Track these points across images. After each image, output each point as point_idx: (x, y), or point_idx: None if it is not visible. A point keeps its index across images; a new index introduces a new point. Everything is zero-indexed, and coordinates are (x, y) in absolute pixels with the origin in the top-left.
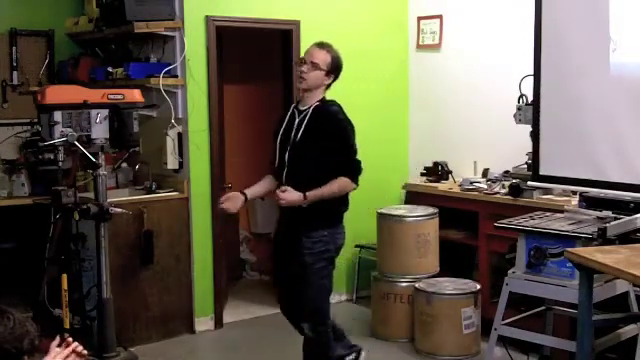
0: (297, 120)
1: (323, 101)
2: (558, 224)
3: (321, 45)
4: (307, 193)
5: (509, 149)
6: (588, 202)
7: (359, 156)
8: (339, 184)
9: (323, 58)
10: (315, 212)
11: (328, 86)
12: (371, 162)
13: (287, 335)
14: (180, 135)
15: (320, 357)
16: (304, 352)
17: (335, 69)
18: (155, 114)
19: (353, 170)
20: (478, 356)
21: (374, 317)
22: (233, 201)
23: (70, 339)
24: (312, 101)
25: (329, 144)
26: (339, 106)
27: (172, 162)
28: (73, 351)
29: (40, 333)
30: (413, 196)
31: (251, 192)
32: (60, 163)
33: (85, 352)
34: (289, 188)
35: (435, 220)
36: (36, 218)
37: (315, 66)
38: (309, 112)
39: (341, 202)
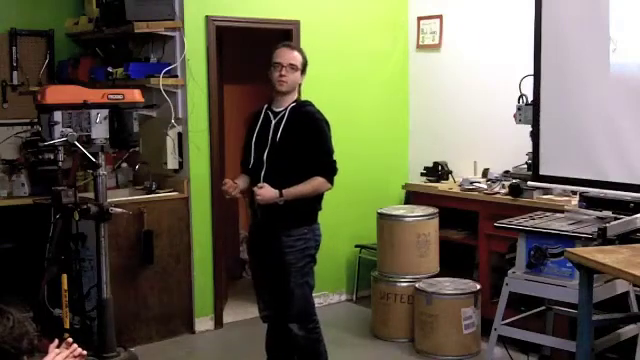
0: (274, 121)
1: (298, 101)
2: (558, 224)
3: (290, 46)
4: (283, 191)
5: (509, 149)
6: (588, 202)
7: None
8: (313, 184)
9: (298, 59)
10: (294, 210)
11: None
12: (371, 162)
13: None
14: (180, 135)
15: (313, 354)
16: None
17: (305, 67)
18: (155, 114)
19: (329, 170)
20: (478, 356)
21: (374, 317)
22: (232, 186)
23: (70, 339)
24: (288, 102)
25: (307, 144)
26: (314, 106)
27: (172, 162)
28: (71, 354)
29: (40, 333)
30: (413, 196)
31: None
32: (60, 163)
33: (84, 353)
34: (266, 185)
35: (435, 220)
36: (36, 218)
37: (293, 67)
38: (286, 113)
39: (318, 200)
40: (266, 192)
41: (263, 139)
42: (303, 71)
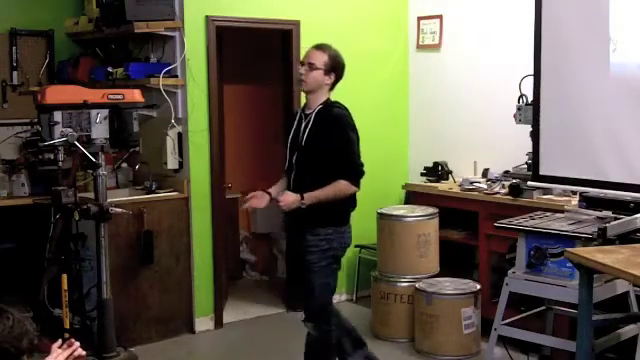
0: (303, 123)
1: (326, 103)
2: (558, 224)
3: (318, 46)
4: (305, 195)
5: (509, 149)
6: (588, 202)
7: (362, 158)
8: (335, 188)
9: (320, 58)
10: (320, 210)
11: (332, 87)
12: (371, 162)
13: (287, 335)
14: (180, 135)
15: (320, 357)
16: (306, 351)
17: (334, 68)
18: (155, 114)
19: (353, 174)
20: (478, 356)
21: (374, 317)
22: (259, 199)
23: (72, 340)
24: (316, 104)
25: (331, 146)
26: (343, 107)
27: (172, 162)
28: (71, 355)
29: (40, 333)
30: (413, 196)
31: (274, 191)
32: (60, 163)
33: (83, 354)
34: (287, 192)
35: (435, 220)
36: (36, 218)
37: (312, 67)
38: (312, 115)
39: (349, 201)
40: (287, 198)
41: (294, 141)
42: (329, 72)
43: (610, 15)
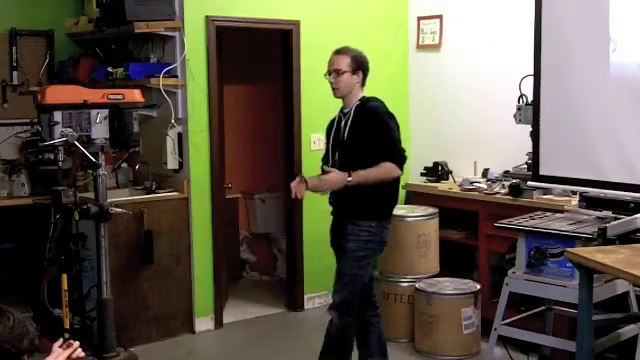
0: (343, 121)
1: (363, 99)
2: (558, 224)
3: (338, 51)
4: (352, 173)
5: (509, 149)
6: (588, 202)
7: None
8: (384, 168)
9: (343, 62)
10: (365, 202)
11: (363, 83)
12: None
13: (287, 335)
14: (180, 135)
15: (339, 348)
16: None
17: (359, 65)
18: (155, 114)
19: (397, 158)
20: (478, 356)
21: None
22: (300, 189)
23: (71, 340)
24: (352, 102)
25: (373, 138)
26: (379, 101)
27: (172, 162)
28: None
29: (40, 333)
30: (413, 196)
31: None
32: (60, 163)
33: (82, 355)
34: (334, 169)
35: (435, 220)
36: (36, 218)
37: (339, 72)
38: (351, 112)
39: (392, 195)
40: (333, 175)
41: (336, 140)
42: (356, 70)
43: (610, 15)
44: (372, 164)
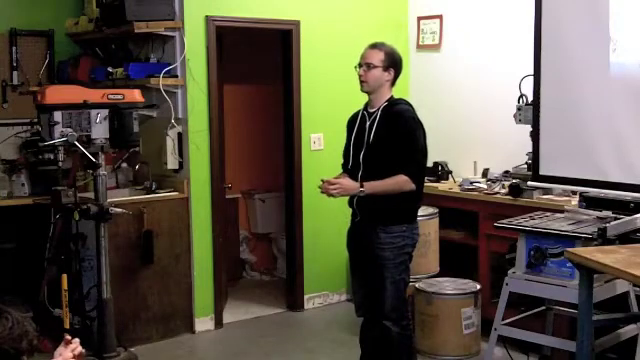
0: (368, 122)
1: (391, 100)
2: (558, 224)
3: (373, 45)
4: (364, 184)
5: (509, 149)
6: (588, 202)
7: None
8: (396, 181)
9: (376, 56)
10: (393, 207)
11: (393, 83)
12: None
13: (287, 335)
14: (180, 135)
15: (407, 351)
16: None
17: (392, 63)
18: (155, 114)
19: (413, 171)
20: (478, 356)
21: None
22: (327, 189)
23: (69, 337)
24: (380, 102)
25: (396, 144)
26: (408, 104)
27: (172, 162)
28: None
29: (40, 333)
30: None
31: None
32: (60, 163)
33: (83, 351)
34: (346, 176)
35: (435, 220)
36: (36, 218)
37: (370, 66)
38: (378, 113)
39: (417, 197)
40: (345, 182)
41: (359, 140)
42: (388, 68)
43: (610, 15)
44: (389, 173)
